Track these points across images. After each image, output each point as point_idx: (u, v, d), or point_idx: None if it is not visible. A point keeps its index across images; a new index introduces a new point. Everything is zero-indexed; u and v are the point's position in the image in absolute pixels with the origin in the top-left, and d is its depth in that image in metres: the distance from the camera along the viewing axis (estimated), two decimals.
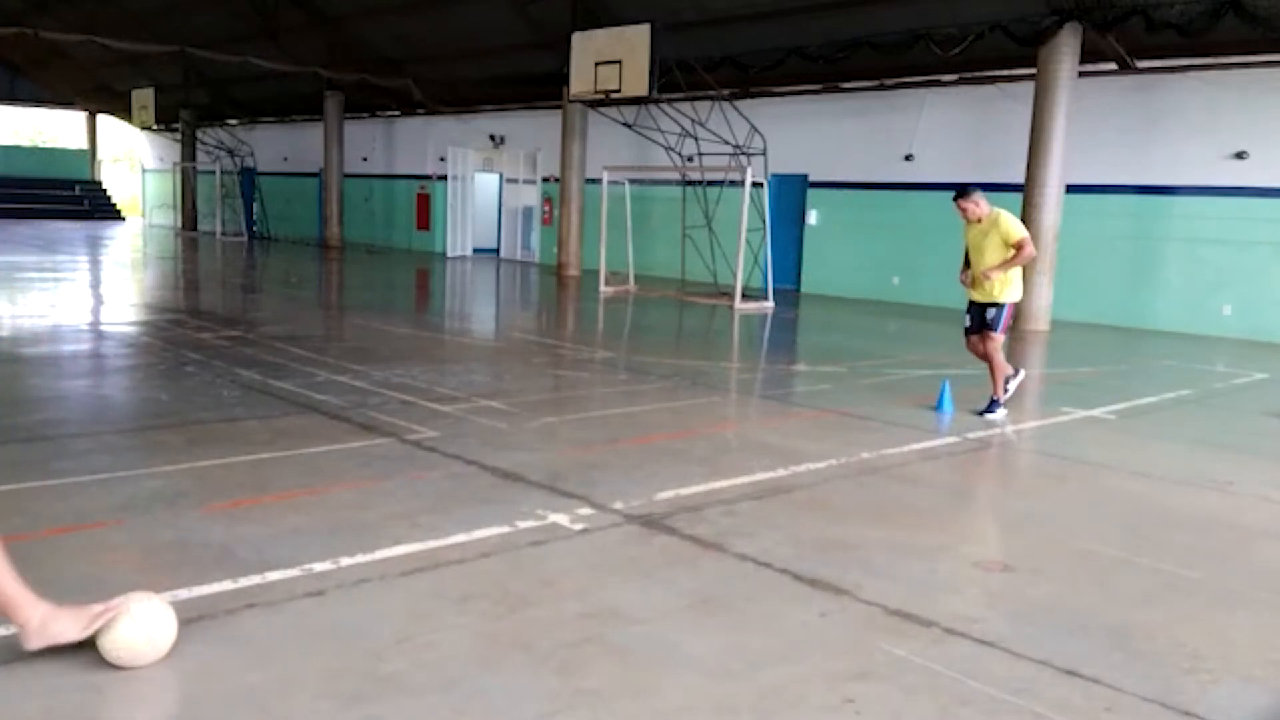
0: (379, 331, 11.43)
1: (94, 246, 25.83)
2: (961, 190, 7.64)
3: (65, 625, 3.07)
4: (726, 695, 3.12)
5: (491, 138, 25.24)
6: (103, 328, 11.35)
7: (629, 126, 17.81)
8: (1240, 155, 13.57)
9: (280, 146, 32.33)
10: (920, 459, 6.32)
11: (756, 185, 16.21)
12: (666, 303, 16.23)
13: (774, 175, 17.64)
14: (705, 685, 3.18)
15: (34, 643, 3.05)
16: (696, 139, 16.93)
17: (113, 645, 3.05)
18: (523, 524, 4.62)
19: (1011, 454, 6.91)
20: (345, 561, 4.04)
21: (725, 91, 17.34)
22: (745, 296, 15.76)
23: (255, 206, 32.83)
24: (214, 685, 3.05)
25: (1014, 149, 14.49)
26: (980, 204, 7.61)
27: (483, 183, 26.64)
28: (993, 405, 7.61)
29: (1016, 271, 7.60)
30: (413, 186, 27.89)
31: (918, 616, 3.75)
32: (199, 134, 32.69)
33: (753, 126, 16.66)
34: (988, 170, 15.96)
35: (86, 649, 3.16)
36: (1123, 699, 3.19)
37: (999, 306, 7.60)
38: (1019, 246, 7.44)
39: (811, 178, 18.48)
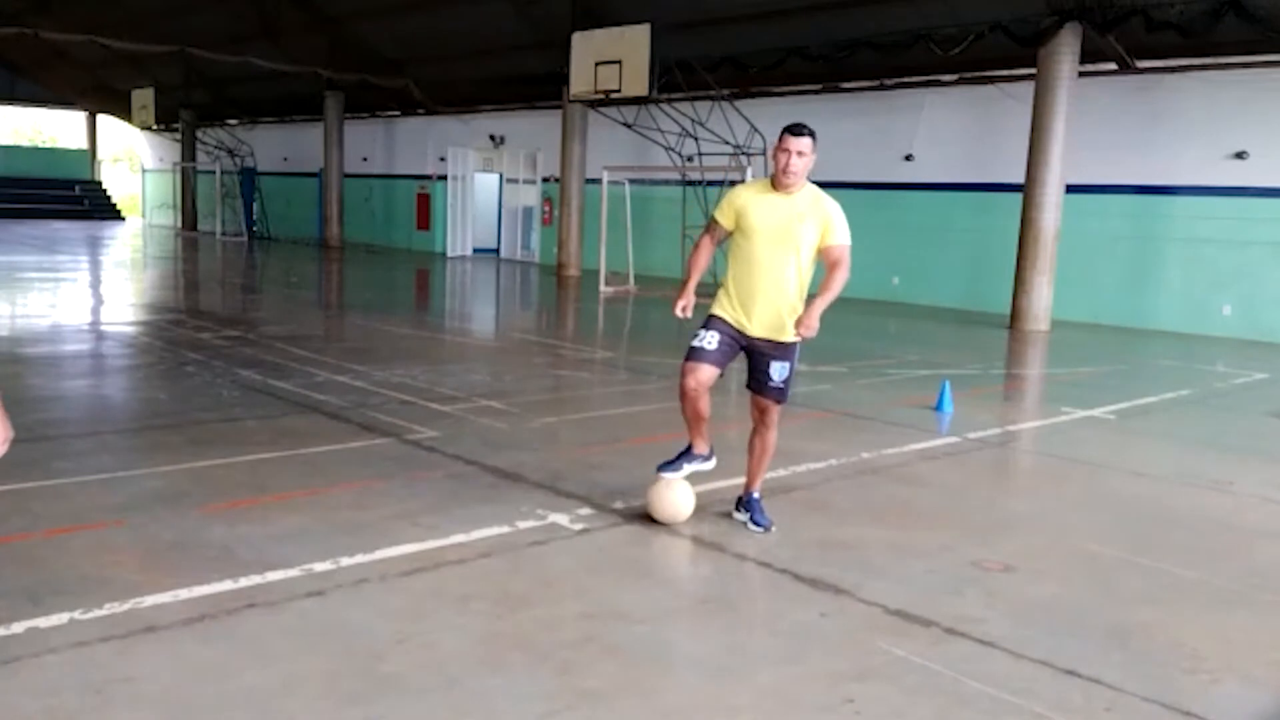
0: (379, 331, 11.43)
1: (94, 246, 25.83)
2: (805, 126, 4.51)
3: None
4: (726, 695, 3.12)
5: (491, 138, 25.23)
6: (103, 328, 11.35)
7: (629, 126, 17.81)
8: (1240, 155, 13.57)
9: (280, 146, 32.32)
10: (920, 459, 6.31)
11: None
12: (666, 303, 16.19)
13: None
14: (705, 685, 3.18)
15: None
16: (696, 139, 16.93)
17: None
18: (523, 524, 4.62)
19: (1012, 454, 6.91)
20: (345, 561, 4.04)
21: (725, 91, 17.34)
22: None
23: (255, 206, 32.82)
24: (214, 685, 3.05)
25: (1014, 149, 14.49)
26: (809, 161, 4.47)
27: (483, 183, 26.63)
28: (758, 512, 4.75)
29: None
30: (413, 186, 27.89)
31: (918, 616, 3.75)
32: (199, 134, 32.70)
33: (753, 126, 16.66)
34: (988, 170, 15.98)
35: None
36: (1123, 699, 3.19)
37: (792, 354, 4.61)
38: (838, 262, 4.45)
39: (811, 177, 18.46)
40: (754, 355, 4.62)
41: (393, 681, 3.09)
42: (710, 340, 4.55)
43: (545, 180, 23.95)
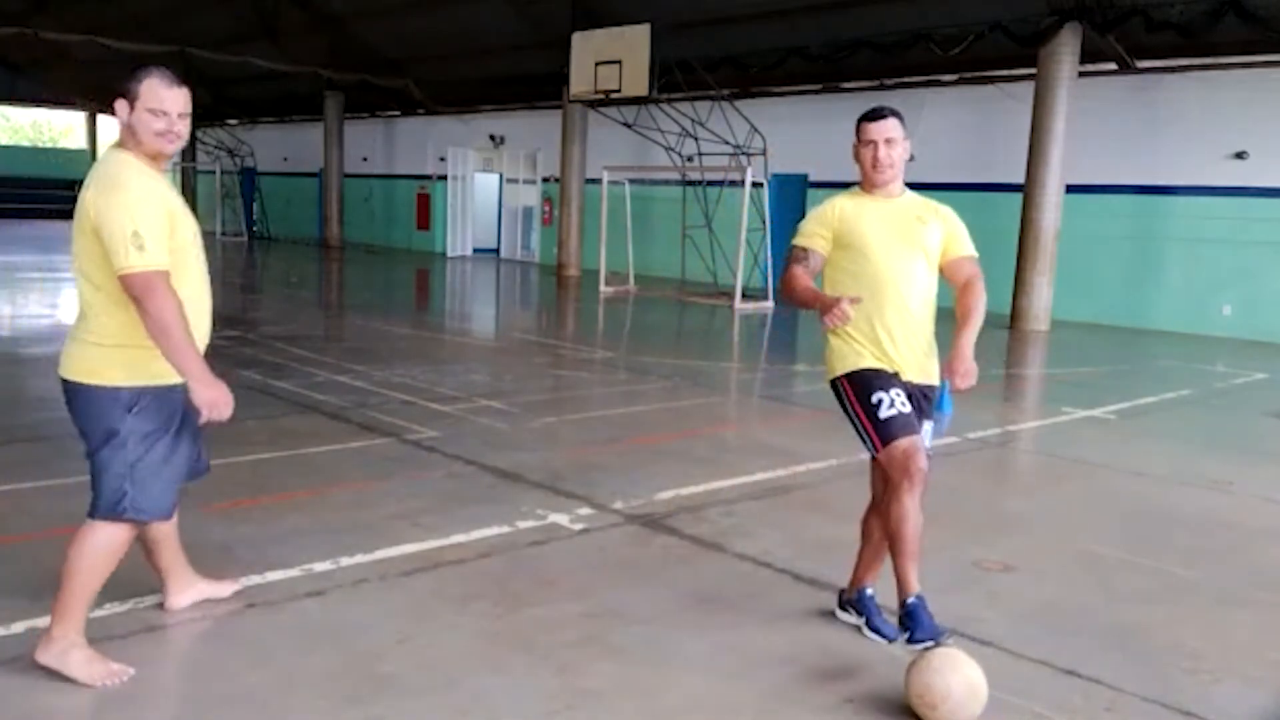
0: (379, 331, 11.42)
1: None
2: (886, 107, 3.50)
3: (82, 665, 3.02)
4: (726, 695, 3.12)
5: (491, 138, 25.23)
6: None
7: (629, 126, 17.80)
8: (1240, 155, 13.56)
9: (280, 146, 32.32)
10: None
11: (756, 185, 16.20)
12: (666, 303, 16.22)
13: (774, 175, 17.64)
14: (705, 685, 3.18)
15: (46, 659, 3.02)
16: (696, 139, 16.92)
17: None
18: (523, 524, 4.62)
19: (1011, 454, 6.91)
20: (345, 561, 4.04)
21: (725, 91, 17.33)
22: (745, 296, 15.76)
23: (255, 206, 32.82)
24: (214, 685, 3.05)
25: (1014, 149, 14.49)
26: (903, 150, 3.49)
27: (483, 183, 26.63)
28: (876, 614, 3.61)
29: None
30: (413, 186, 27.88)
31: None
32: (199, 134, 32.65)
33: (753, 126, 16.65)
34: (988, 170, 15.97)
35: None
36: (1123, 699, 3.19)
37: (941, 396, 3.64)
38: (975, 278, 3.56)
39: (812, 177, 18.48)
40: (920, 398, 3.50)
41: (393, 681, 3.09)
42: (900, 400, 3.35)
43: (545, 180, 23.94)
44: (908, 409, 3.36)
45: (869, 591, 3.66)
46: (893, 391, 3.37)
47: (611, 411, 7.60)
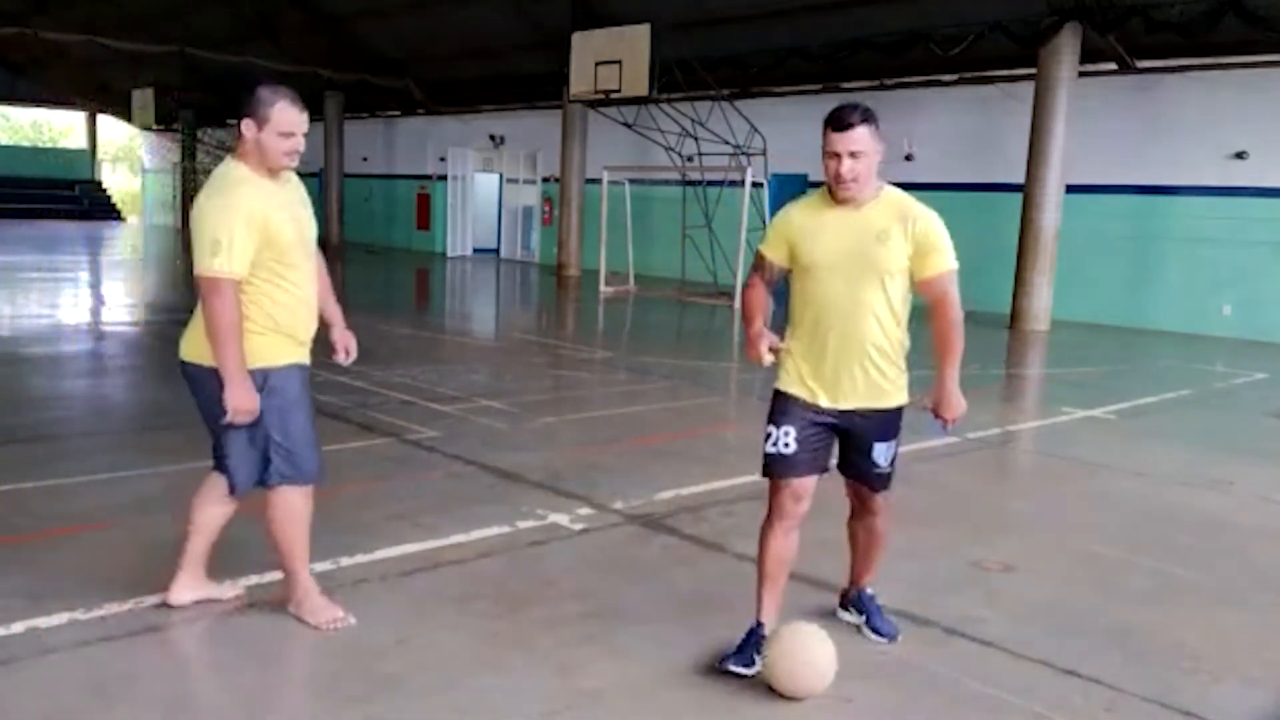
0: (379, 331, 11.42)
1: (94, 246, 25.82)
2: (855, 111, 3.11)
3: (313, 612, 3.46)
4: (727, 695, 3.12)
5: (491, 138, 25.23)
6: (103, 328, 11.35)
7: (629, 126, 17.81)
8: (1240, 155, 13.57)
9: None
10: (920, 459, 6.30)
11: (756, 185, 16.20)
12: (666, 303, 16.22)
13: (774, 175, 17.64)
14: (705, 685, 3.18)
15: (294, 609, 3.48)
16: (696, 139, 16.93)
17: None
18: (523, 524, 4.62)
19: (1011, 454, 6.91)
20: (345, 561, 4.04)
21: (725, 91, 17.34)
22: None
23: None
24: (214, 685, 3.05)
25: (1014, 149, 14.49)
26: (871, 162, 3.13)
27: (483, 183, 26.64)
28: (877, 615, 3.62)
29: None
30: (413, 186, 27.89)
31: (918, 616, 3.76)
32: (199, 134, 32.68)
33: (753, 126, 16.65)
34: (988, 170, 15.98)
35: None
36: (1123, 699, 3.19)
37: (898, 424, 3.43)
38: (944, 297, 3.26)
39: (811, 177, 18.47)
40: (848, 435, 3.33)
41: (393, 681, 3.09)
42: (788, 440, 3.24)
43: (545, 180, 23.95)
44: (791, 449, 3.24)
45: (869, 591, 3.68)
46: (784, 429, 3.25)
47: (611, 411, 7.60)
